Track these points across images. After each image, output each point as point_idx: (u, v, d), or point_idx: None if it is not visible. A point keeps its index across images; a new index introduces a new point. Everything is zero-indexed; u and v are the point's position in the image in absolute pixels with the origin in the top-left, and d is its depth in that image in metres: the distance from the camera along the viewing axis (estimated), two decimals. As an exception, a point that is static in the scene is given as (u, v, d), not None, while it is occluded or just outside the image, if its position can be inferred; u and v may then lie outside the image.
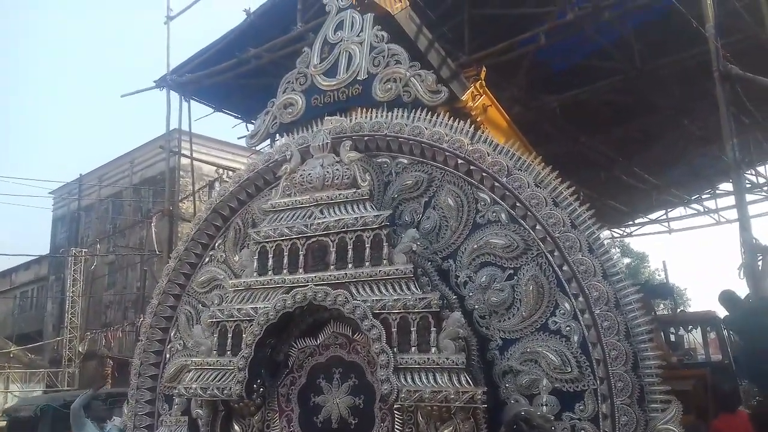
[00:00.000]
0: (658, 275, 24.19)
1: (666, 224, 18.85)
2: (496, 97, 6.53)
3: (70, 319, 20.44)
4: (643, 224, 19.45)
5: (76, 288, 20.86)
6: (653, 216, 18.77)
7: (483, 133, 4.20)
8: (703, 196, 17.79)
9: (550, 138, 11.21)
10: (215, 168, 19.73)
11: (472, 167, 4.08)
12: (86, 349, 19.97)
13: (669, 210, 18.45)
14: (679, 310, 13.75)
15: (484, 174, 4.03)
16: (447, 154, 4.18)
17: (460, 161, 4.12)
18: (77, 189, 25.98)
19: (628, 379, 3.41)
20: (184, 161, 14.34)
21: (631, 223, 19.47)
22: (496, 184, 3.97)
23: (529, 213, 3.83)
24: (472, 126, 4.26)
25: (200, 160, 15.45)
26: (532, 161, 4.00)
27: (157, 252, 15.31)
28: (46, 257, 27.05)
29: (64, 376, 19.30)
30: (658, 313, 12.04)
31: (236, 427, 4.44)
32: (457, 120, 4.30)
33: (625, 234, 20.55)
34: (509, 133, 6.40)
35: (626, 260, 28.06)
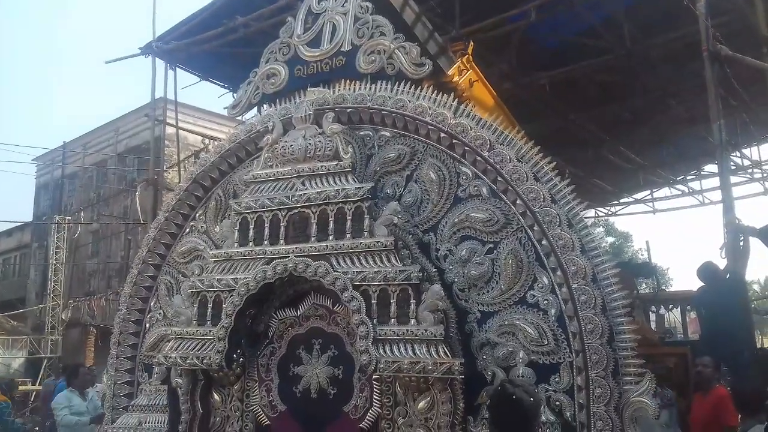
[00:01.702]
0: (641, 255, 24.45)
1: (650, 204, 18.98)
2: (485, 73, 6.50)
3: (53, 286, 20.34)
4: (627, 204, 19.58)
5: (60, 256, 20.72)
6: (638, 196, 18.89)
7: (467, 107, 4.17)
8: (688, 177, 17.92)
9: (539, 114, 11.21)
10: (201, 138, 19.55)
11: (454, 141, 4.06)
12: (69, 317, 19.93)
13: (654, 190, 18.56)
14: (660, 289, 13.89)
15: (466, 148, 4.02)
16: (430, 127, 4.16)
17: (442, 135, 4.11)
18: (61, 156, 25.67)
19: (604, 352, 3.45)
20: (170, 130, 14.24)
21: (616, 202, 19.59)
22: (478, 158, 3.96)
23: (510, 187, 3.84)
24: (456, 100, 4.24)
25: (186, 130, 15.30)
26: (515, 136, 3.99)
27: (142, 221, 15.20)
28: (29, 224, 26.84)
29: (47, 343, 19.27)
30: (640, 292, 12.18)
31: (216, 396, 4.47)
32: (442, 94, 4.27)
33: (609, 213, 20.69)
34: (495, 108, 6.38)
35: (610, 239, 28.32)
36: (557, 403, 3.57)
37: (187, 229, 5.12)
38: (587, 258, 3.60)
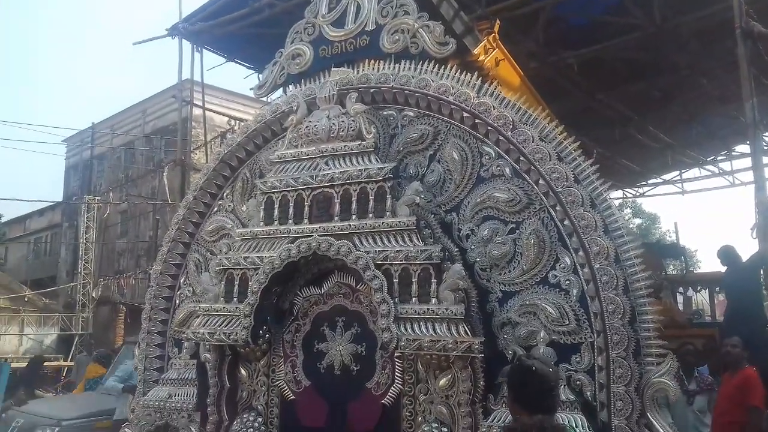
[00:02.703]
0: (669, 236, 24.06)
1: (679, 185, 18.62)
2: (512, 52, 6.42)
3: (84, 265, 20.74)
4: (656, 185, 19.19)
5: (89, 235, 21.10)
6: (667, 176, 18.54)
7: (491, 86, 4.16)
8: (719, 158, 17.51)
9: (566, 94, 11.03)
10: (227, 119, 19.69)
11: (477, 121, 4.06)
12: (100, 295, 20.36)
13: (683, 171, 18.19)
14: (688, 270, 13.70)
15: (489, 128, 4.01)
16: (453, 107, 4.16)
17: (465, 115, 4.11)
18: (90, 137, 26.07)
19: (625, 333, 3.46)
20: (196, 112, 14.33)
21: (643, 183, 19.22)
22: (501, 138, 3.96)
23: (532, 167, 3.83)
24: (481, 79, 4.22)
25: (212, 111, 15.44)
26: (538, 116, 3.97)
27: (169, 201, 15.44)
28: (60, 204, 27.37)
29: (78, 320, 19.73)
30: (668, 273, 12.05)
31: (243, 371, 4.59)
32: (466, 73, 4.26)
33: (637, 194, 20.32)
34: (521, 88, 6.31)
35: (637, 221, 27.91)
36: (578, 382, 3.59)
37: (215, 208, 5.21)
38: (610, 238, 3.59)
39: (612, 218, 3.67)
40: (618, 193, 18.96)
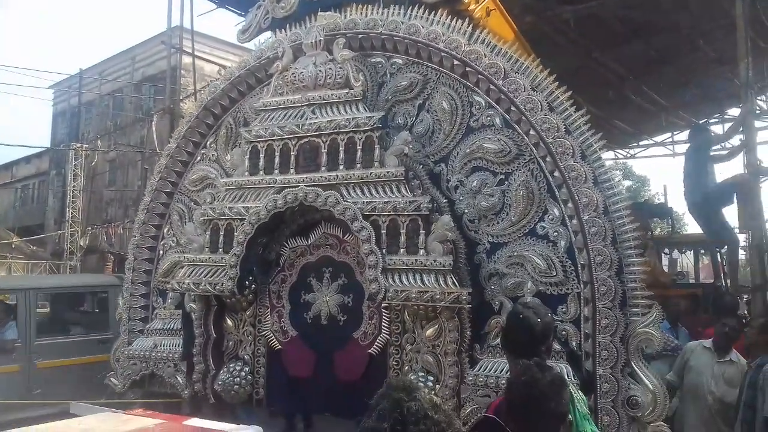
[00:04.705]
0: (658, 199, 24.10)
1: (670, 147, 18.50)
2: (507, 5, 6.23)
3: (72, 213, 20.56)
4: (647, 146, 19.06)
5: (77, 183, 20.83)
6: (658, 138, 18.41)
7: (481, 33, 4.03)
8: (711, 121, 17.37)
9: (561, 51, 10.79)
10: (218, 68, 19.20)
11: (467, 69, 3.96)
12: (87, 244, 20.28)
13: (675, 133, 18.03)
14: (675, 232, 13.69)
15: (479, 76, 3.91)
16: (443, 54, 4.04)
17: (455, 62, 3.99)
18: (78, 83, 25.47)
19: (612, 284, 3.46)
20: (186, 60, 13.97)
21: (635, 144, 19.10)
22: (492, 87, 3.87)
23: (523, 117, 3.75)
24: (471, 27, 4.09)
25: (202, 59, 15.06)
26: (530, 64, 3.86)
27: (158, 151, 15.20)
28: (47, 151, 26.94)
29: (65, 268, 19.66)
30: (654, 233, 12.06)
31: (229, 321, 4.58)
32: (457, 20, 4.12)
33: (628, 156, 20.19)
34: (514, 42, 6.15)
35: (627, 182, 27.88)
36: (563, 332, 3.61)
37: (199, 157, 5.12)
38: (599, 190, 3.55)
39: (602, 170, 3.62)
40: (609, 155, 18.83)
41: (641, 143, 18.97)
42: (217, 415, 3.85)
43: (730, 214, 7.83)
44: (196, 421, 2.63)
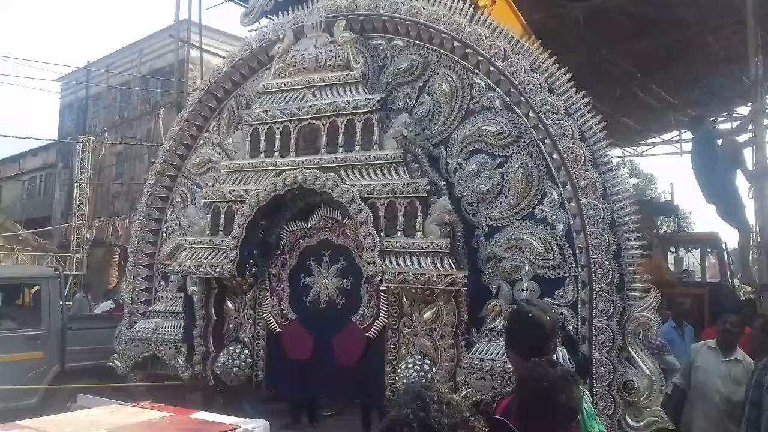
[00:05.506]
0: (665, 197, 23.86)
1: (678, 145, 18.28)
2: (517, 1, 6.18)
3: (78, 206, 20.66)
4: (654, 144, 18.87)
5: (84, 176, 20.92)
6: (666, 136, 18.22)
7: (482, 14, 4.00)
8: (719, 119, 17.17)
9: (570, 48, 10.72)
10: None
11: (468, 50, 3.93)
12: (94, 237, 20.36)
13: (683, 131, 17.83)
14: (681, 230, 13.53)
15: (480, 58, 3.89)
16: (443, 36, 4.02)
17: (456, 44, 3.97)
18: (85, 76, 25.57)
19: (609, 267, 3.43)
20: (194, 54, 14.00)
21: (642, 142, 18.92)
22: (492, 68, 3.84)
23: (523, 99, 3.72)
24: (472, 7, 4.07)
25: (210, 52, 15.03)
26: (531, 46, 3.83)
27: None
28: (54, 144, 27.05)
29: (72, 261, 19.75)
30: (660, 231, 11.94)
31: (229, 304, 4.60)
32: (458, 1, 4.10)
33: (635, 153, 20.00)
34: (522, 36, 6.10)
35: (634, 181, 27.64)
36: (560, 316, 3.57)
37: (201, 141, 5.13)
38: (598, 173, 3.52)
39: (602, 152, 3.59)
40: (617, 152, 18.66)
41: (649, 141, 18.76)
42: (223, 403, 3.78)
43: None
44: (203, 414, 2.64)
